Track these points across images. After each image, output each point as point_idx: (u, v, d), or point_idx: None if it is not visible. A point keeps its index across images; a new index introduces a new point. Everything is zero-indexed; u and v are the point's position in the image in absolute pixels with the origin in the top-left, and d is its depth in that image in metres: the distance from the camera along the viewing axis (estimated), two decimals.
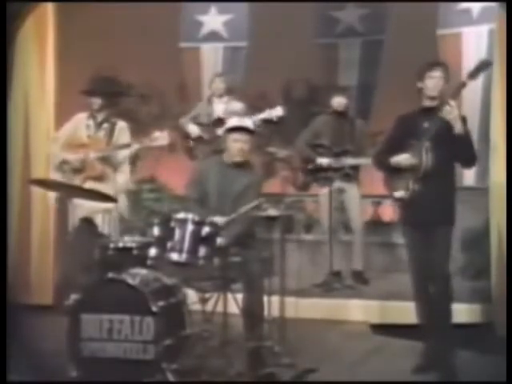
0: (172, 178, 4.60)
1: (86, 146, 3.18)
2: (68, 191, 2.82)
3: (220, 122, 3.84)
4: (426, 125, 2.65)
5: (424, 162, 2.62)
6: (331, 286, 3.80)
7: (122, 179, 3.12)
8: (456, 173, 2.77)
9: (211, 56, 4.94)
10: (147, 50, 4.98)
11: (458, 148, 2.60)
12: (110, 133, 3.19)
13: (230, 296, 2.66)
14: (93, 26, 4.92)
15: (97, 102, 3.23)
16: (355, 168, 3.86)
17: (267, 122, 3.52)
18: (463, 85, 2.58)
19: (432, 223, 2.65)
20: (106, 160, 3.15)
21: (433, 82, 2.65)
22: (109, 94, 3.27)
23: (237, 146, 2.82)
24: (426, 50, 4.34)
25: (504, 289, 3.00)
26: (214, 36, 4.92)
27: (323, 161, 3.85)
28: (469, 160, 2.71)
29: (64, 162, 3.15)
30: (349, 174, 3.84)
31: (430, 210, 2.63)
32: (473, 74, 2.58)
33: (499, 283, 3.18)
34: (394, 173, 2.71)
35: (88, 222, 3.10)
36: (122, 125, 3.28)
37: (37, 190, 3.56)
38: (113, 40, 5.03)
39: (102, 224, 3.09)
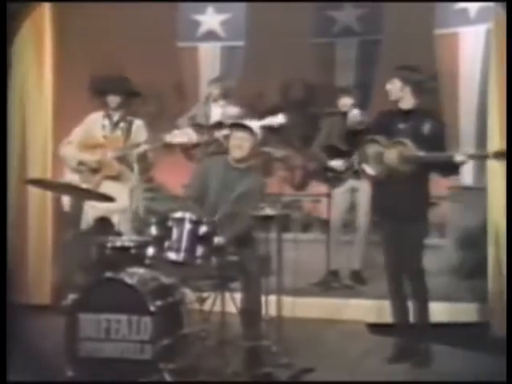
0: (169, 177, 4.59)
1: (102, 146, 3.18)
2: (65, 191, 2.82)
3: (218, 125, 3.83)
4: (401, 126, 2.71)
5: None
6: (329, 285, 3.81)
7: (137, 179, 3.11)
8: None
9: (209, 55, 4.88)
10: (145, 50, 4.97)
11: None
12: (128, 131, 3.19)
13: (227, 295, 2.68)
14: (90, 25, 4.91)
15: (114, 100, 3.21)
16: None
17: (267, 128, 3.55)
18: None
19: (403, 217, 2.69)
20: (123, 159, 3.16)
21: (390, 89, 2.76)
22: (128, 92, 3.26)
23: (236, 142, 2.85)
24: (423, 49, 4.35)
25: (500, 288, 3.03)
26: (211, 35, 4.89)
27: (336, 163, 3.84)
28: (446, 171, 2.77)
29: (81, 163, 3.16)
30: (359, 172, 3.85)
31: (401, 201, 2.68)
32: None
33: (496, 283, 3.19)
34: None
35: (104, 222, 3.12)
36: (138, 123, 3.27)
37: (34, 190, 3.56)
38: (110, 40, 5.02)
39: (119, 223, 3.10)
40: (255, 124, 2.90)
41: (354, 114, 3.65)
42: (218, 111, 3.97)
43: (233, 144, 2.86)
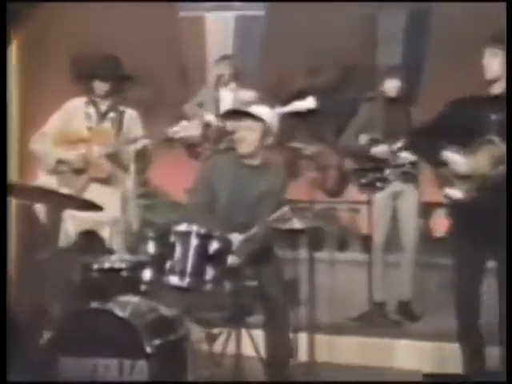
0: (169, 180, 4.50)
1: (87, 141, 3.13)
2: (38, 197, 2.72)
3: (229, 114, 3.79)
4: (493, 116, 2.60)
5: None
6: (372, 320, 3.70)
7: (131, 181, 3.11)
8: None
9: (219, 28, 4.85)
10: (138, 21, 4.92)
11: None
12: (119, 123, 3.15)
13: (244, 332, 2.62)
14: None
15: (102, 87, 3.18)
16: (414, 166, 3.74)
17: (295, 115, 3.44)
18: None
19: (495, 241, 2.58)
20: (114, 157, 3.11)
21: (488, 63, 2.63)
22: (118, 77, 3.23)
23: (240, 135, 2.82)
24: (490, 19, 4.22)
25: None
26: (222, 3, 4.85)
27: (379, 151, 3.72)
28: None
29: (61, 162, 3.10)
30: (408, 173, 3.73)
31: (493, 222, 2.56)
32: None
33: None
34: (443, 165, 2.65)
35: (89, 237, 3.08)
36: (131, 113, 3.25)
37: None
38: (95, 11, 4.98)
39: (109, 239, 3.06)
40: (265, 110, 2.86)
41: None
42: (228, 96, 3.92)
43: (237, 136, 2.84)
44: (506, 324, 2.54)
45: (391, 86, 3.77)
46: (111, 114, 3.19)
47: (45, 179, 3.09)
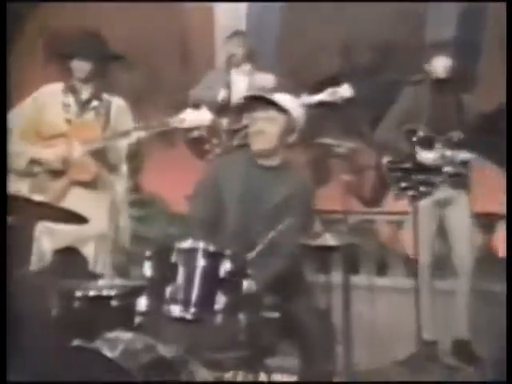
0: (167, 185, 4.45)
1: (66, 136, 3.13)
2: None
3: (245, 102, 3.81)
4: None
5: None
6: (422, 364, 3.59)
7: (122, 185, 3.12)
8: None
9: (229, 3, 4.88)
10: None
11: None
12: (105, 114, 3.17)
13: (263, 376, 2.57)
14: None
15: (82, 68, 3.19)
16: (466, 167, 3.70)
17: (326, 104, 3.40)
18: None
19: None
20: (100, 155, 3.10)
21: None
22: (102, 56, 3.23)
23: (256, 127, 2.81)
24: None
25: None
26: None
27: (428, 156, 3.68)
28: None
29: (33, 162, 3.11)
30: (459, 176, 3.68)
31: None
32: None
33: None
34: None
35: (70, 257, 3.07)
36: (119, 103, 3.27)
37: None
38: None
39: (94, 258, 3.04)
40: (289, 99, 2.84)
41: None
42: (242, 81, 3.94)
43: (252, 129, 2.84)
44: (506, 324, 2.54)
45: (440, 65, 3.72)
46: (94, 103, 3.21)
47: (12, 184, 3.06)
